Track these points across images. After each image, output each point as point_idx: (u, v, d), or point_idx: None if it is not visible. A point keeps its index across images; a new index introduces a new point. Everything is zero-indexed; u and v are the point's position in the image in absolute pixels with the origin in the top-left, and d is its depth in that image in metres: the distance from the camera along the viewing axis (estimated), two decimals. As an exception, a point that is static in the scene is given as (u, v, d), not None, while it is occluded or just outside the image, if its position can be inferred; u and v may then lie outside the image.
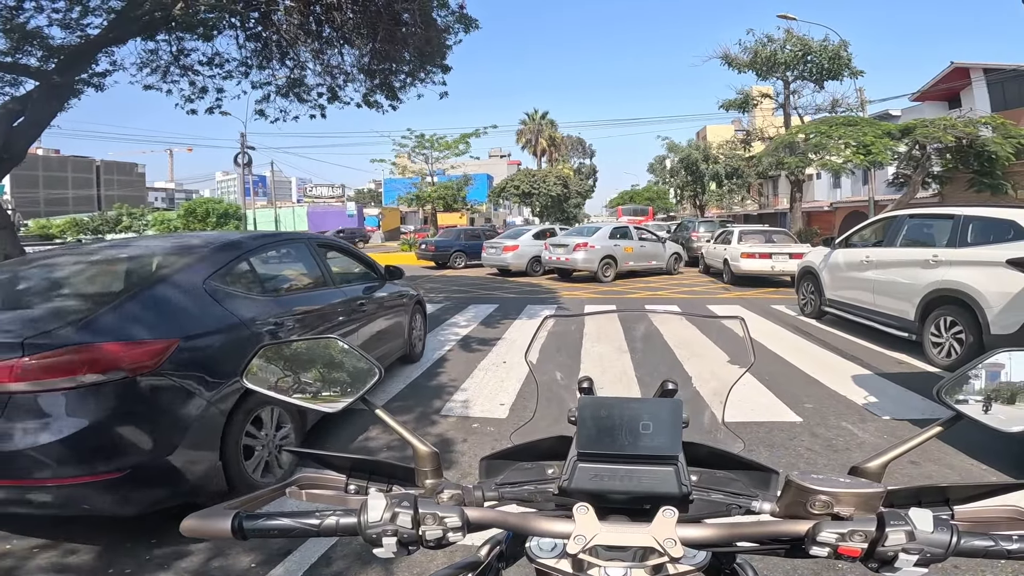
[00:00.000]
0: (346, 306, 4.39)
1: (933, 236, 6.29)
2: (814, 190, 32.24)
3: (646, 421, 0.71)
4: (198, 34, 7.54)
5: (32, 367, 2.29)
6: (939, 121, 16.89)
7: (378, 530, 0.63)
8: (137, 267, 3.22)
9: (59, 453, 2.28)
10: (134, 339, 2.53)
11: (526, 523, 0.66)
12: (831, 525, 0.61)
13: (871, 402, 4.62)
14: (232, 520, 0.64)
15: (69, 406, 2.34)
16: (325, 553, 2.47)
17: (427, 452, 0.76)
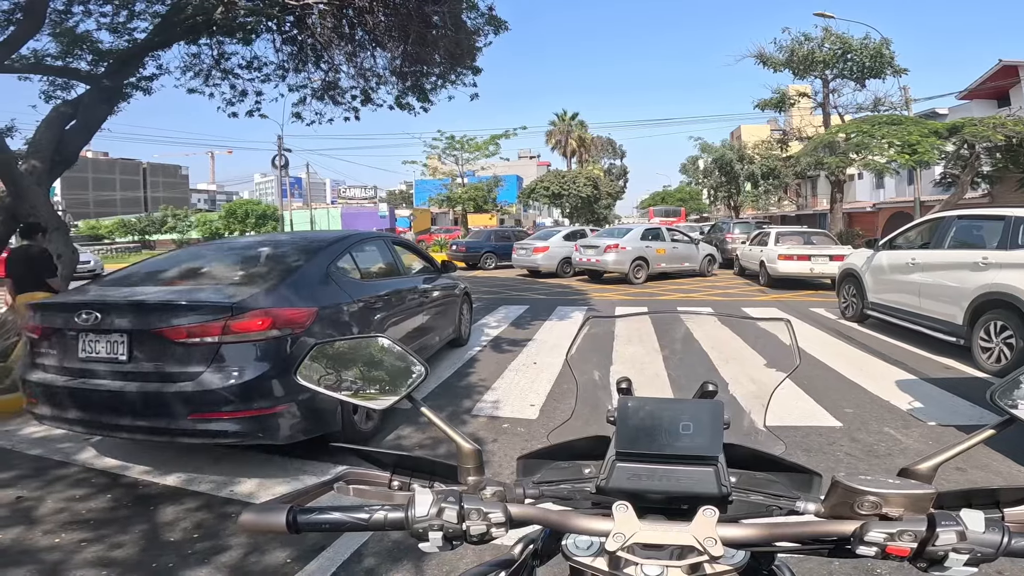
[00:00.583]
0: (413, 292, 5.29)
1: (983, 238, 6.04)
2: (856, 190, 31.22)
3: (687, 422, 0.71)
4: (238, 38, 7.78)
5: (234, 324, 3.16)
6: (988, 120, 16.19)
7: (425, 525, 0.64)
8: (283, 255, 4.28)
9: (252, 390, 3.13)
10: (295, 307, 3.47)
11: (566, 520, 0.67)
12: (880, 525, 0.61)
13: (916, 407, 4.47)
14: (287, 515, 0.66)
15: (257, 354, 3.21)
16: (357, 549, 2.50)
17: (470, 449, 0.78)
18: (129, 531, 2.73)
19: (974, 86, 22.53)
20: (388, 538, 2.57)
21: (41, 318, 3.56)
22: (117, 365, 3.26)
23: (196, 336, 3.15)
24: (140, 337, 3.24)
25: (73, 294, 3.92)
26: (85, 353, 3.33)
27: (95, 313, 3.29)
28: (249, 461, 3.57)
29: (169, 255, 4.83)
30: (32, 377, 3.49)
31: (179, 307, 3.27)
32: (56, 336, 3.46)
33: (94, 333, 3.31)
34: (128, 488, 3.23)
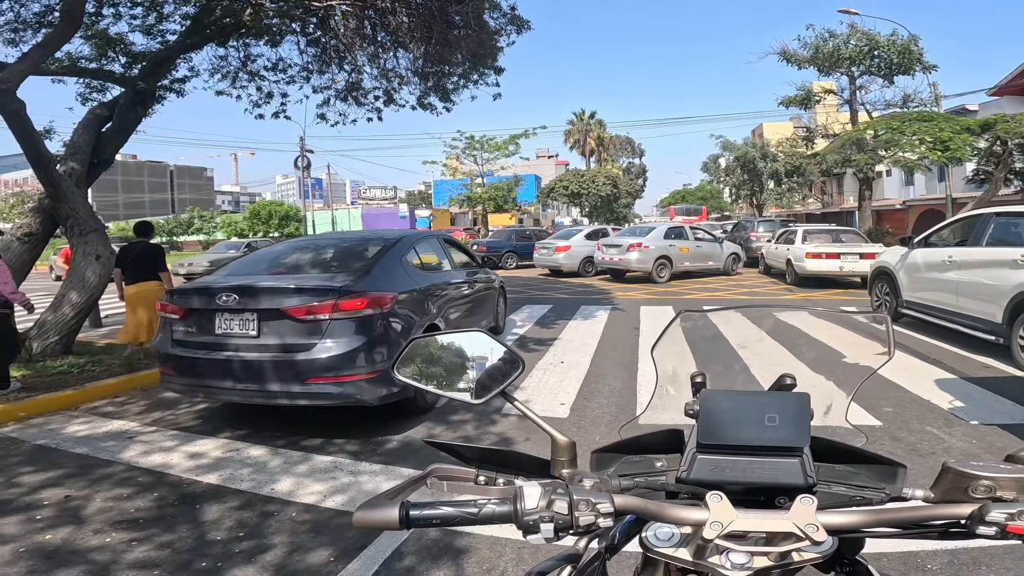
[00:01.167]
0: (462, 283, 5.99)
1: (1021, 235, 5.86)
2: (884, 188, 30.52)
3: (772, 414, 0.72)
4: (264, 40, 7.89)
5: (341, 304, 3.89)
6: (1021, 116, 15.72)
7: (535, 517, 0.64)
8: (363, 249, 5.09)
9: (353, 358, 3.84)
10: (382, 291, 4.19)
11: (662, 511, 0.68)
12: (999, 506, 0.63)
13: (957, 407, 4.37)
14: (399, 510, 0.66)
15: (356, 329, 3.93)
16: (397, 548, 2.51)
17: (566, 442, 0.79)
18: (176, 530, 2.77)
19: (1005, 82, 21.87)
20: (427, 536, 2.57)
21: (185, 301, 4.30)
22: (249, 339, 3.99)
23: (313, 314, 3.89)
24: (268, 315, 3.97)
25: (209, 281, 4.60)
26: (222, 330, 4.06)
27: (234, 295, 4.01)
28: (283, 459, 3.62)
29: (264, 251, 5.79)
30: (173, 351, 4.22)
31: (299, 290, 4.05)
32: (196, 316, 4.20)
33: (230, 312, 4.03)
34: (172, 486, 3.29)
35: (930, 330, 7.04)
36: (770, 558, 0.64)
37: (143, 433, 4.21)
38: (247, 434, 4.13)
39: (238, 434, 4.14)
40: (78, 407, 4.88)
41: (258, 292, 4.09)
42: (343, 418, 4.33)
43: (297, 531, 2.73)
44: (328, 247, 5.44)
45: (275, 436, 4.07)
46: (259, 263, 5.05)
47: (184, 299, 4.33)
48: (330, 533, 2.68)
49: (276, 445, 3.89)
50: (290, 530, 2.74)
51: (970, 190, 19.48)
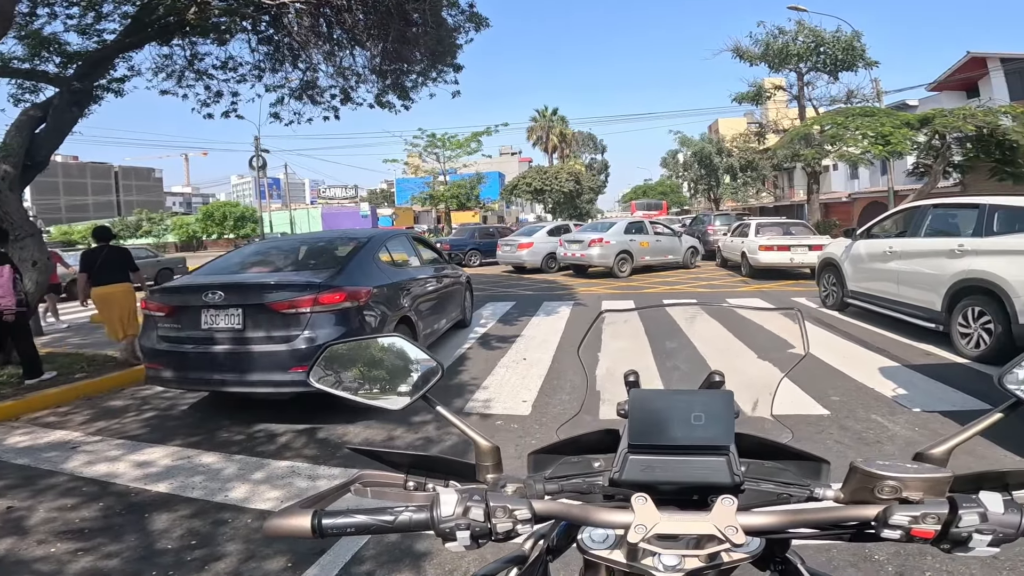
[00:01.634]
0: (431, 278, 6.31)
1: (958, 226, 6.17)
2: (831, 181, 31.77)
3: (698, 412, 0.71)
4: (212, 38, 7.61)
5: (321, 298, 4.18)
6: (958, 111, 16.57)
7: (451, 524, 0.64)
8: (337, 248, 5.41)
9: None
10: (357, 285, 4.48)
11: (587, 514, 0.67)
12: (903, 508, 0.62)
13: (900, 394, 4.54)
14: (312, 519, 0.65)
15: (335, 321, 4.23)
16: (357, 553, 2.48)
17: (489, 447, 0.78)
18: (124, 539, 2.69)
19: (943, 78, 23.04)
20: (386, 540, 2.56)
21: (170, 299, 4.54)
22: (234, 333, 4.22)
23: (295, 307, 4.17)
24: (252, 310, 4.23)
25: (193, 279, 4.92)
26: (207, 325, 4.27)
27: (219, 292, 4.24)
28: (237, 465, 3.53)
29: (241, 250, 6.02)
30: (159, 347, 4.44)
31: (282, 286, 4.31)
32: (182, 313, 4.41)
33: (215, 308, 4.25)
34: (119, 496, 3.19)
35: (874, 319, 7.34)
36: (700, 559, 0.64)
37: (87, 443, 4.06)
38: (199, 441, 4.02)
39: (189, 441, 4.02)
40: (19, 418, 4.68)
41: (243, 289, 4.39)
42: (302, 420, 4.28)
43: (252, 538, 2.66)
44: (304, 246, 5.75)
45: (229, 443, 3.97)
46: (237, 262, 5.32)
47: (169, 297, 4.60)
48: (287, 540, 2.62)
49: (230, 452, 3.79)
50: (245, 538, 2.68)
51: (911, 183, 20.47)
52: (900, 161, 19.23)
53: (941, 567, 2.24)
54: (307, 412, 4.48)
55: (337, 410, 4.45)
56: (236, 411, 4.65)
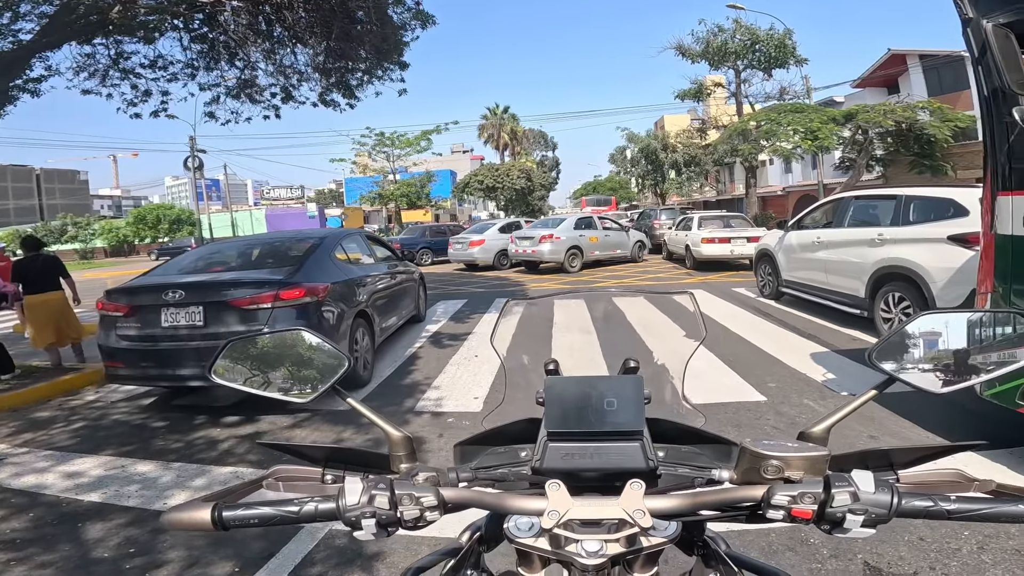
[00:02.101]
0: (386, 274, 6.55)
1: (878, 216, 6.49)
2: (768, 175, 33.20)
3: (610, 398, 0.72)
4: (138, 37, 7.26)
5: (281, 294, 4.40)
6: (879, 107, 17.66)
7: (356, 513, 0.64)
8: (295, 247, 5.54)
9: None
10: (315, 282, 4.69)
11: (501, 502, 0.67)
12: (783, 488, 0.63)
13: (830, 379, 4.77)
14: (212, 511, 0.64)
15: (295, 315, 4.42)
16: (308, 554, 2.47)
17: (400, 437, 0.78)
18: (57, 549, 2.61)
19: (867, 74, 24.37)
20: (338, 540, 2.56)
21: (129, 299, 4.63)
22: (196, 329, 4.38)
23: (257, 303, 4.38)
24: (214, 307, 4.40)
25: (150, 279, 5.01)
26: (168, 323, 4.43)
27: (180, 291, 4.43)
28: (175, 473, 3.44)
29: (199, 250, 6.25)
30: (119, 346, 4.54)
31: (243, 283, 4.54)
32: (141, 312, 4.54)
33: (176, 307, 4.41)
34: (50, 506, 3.08)
35: (806, 306, 7.72)
36: (620, 544, 0.64)
37: (13, 455, 3.90)
38: (133, 450, 3.91)
39: (123, 451, 3.91)
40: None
41: (204, 287, 4.55)
42: (245, 425, 4.23)
43: (194, 545, 2.61)
44: (261, 246, 5.96)
45: (165, 451, 3.87)
46: (196, 262, 5.48)
47: (128, 297, 4.68)
48: (233, 545, 2.59)
49: (167, 460, 3.71)
50: (186, 544, 2.62)
51: (838, 176, 21.64)
52: (829, 155, 20.35)
53: (872, 549, 2.32)
54: (251, 419, 4.42)
55: (283, 414, 4.41)
56: (173, 419, 4.55)
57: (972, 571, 2.16)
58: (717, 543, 0.81)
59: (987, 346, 0.81)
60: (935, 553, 2.28)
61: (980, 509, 0.62)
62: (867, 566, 2.23)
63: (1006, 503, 0.63)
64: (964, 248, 5.02)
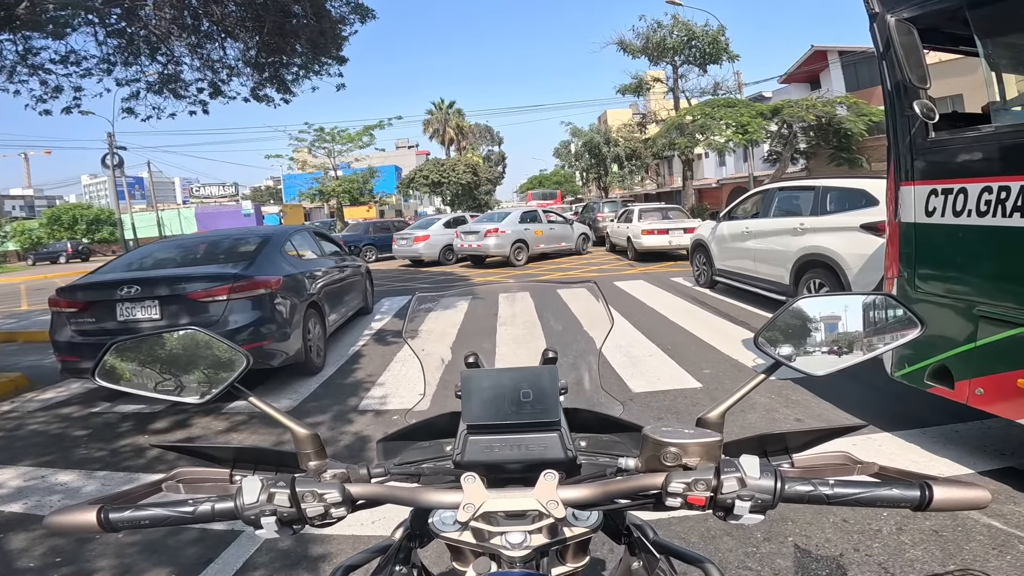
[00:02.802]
0: (334, 268, 6.79)
1: (800, 206, 6.84)
2: (703, 168, 34.45)
3: (526, 389, 0.72)
4: (47, 32, 6.77)
5: (236, 287, 4.62)
6: (802, 101, 18.65)
7: (255, 511, 0.63)
8: (246, 243, 5.71)
9: (251, 330, 4.60)
10: (267, 275, 4.93)
11: (415, 496, 0.67)
12: (680, 475, 0.63)
13: (759, 364, 4.95)
14: (98, 513, 0.62)
15: (250, 307, 4.67)
16: (249, 558, 2.44)
17: (306, 434, 0.76)
18: None
19: (792, 70, 25.61)
20: (281, 543, 2.54)
21: (82, 295, 4.72)
22: (152, 323, 4.51)
23: (212, 296, 4.57)
24: (170, 300, 4.56)
25: (104, 276, 5.06)
26: (124, 317, 4.57)
27: (136, 286, 4.55)
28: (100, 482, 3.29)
29: (148, 247, 6.29)
30: (74, 340, 4.66)
31: (198, 277, 4.71)
32: (96, 307, 4.65)
33: (131, 301, 4.56)
34: None
35: (738, 294, 8.12)
36: (543, 535, 0.64)
37: None
38: (53, 460, 3.75)
39: (42, 460, 3.74)
40: None
41: (159, 282, 4.66)
42: (175, 430, 4.13)
43: (125, 553, 2.53)
44: (212, 242, 6.05)
45: (88, 460, 3.72)
46: (145, 258, 5.60)
47: (82, 293, 4.76)
48: (167, 551, 2.53)
49: (91, 468, 3.57)
50: (116, 553, 2.54)
51: (767, 169, 22.76)
52: (758, 148, 21.36)
53: (801, 532, 2.42)
54: (182, 424, 4.31)
55: (218, 418, 4.32)
56: (95, 428, 4.37)
57: (893, 552, 2.27)
58: (644, 531, 0.82)
59: (865, 328, 0.83)
60: (858, 535, 2.38)
61: (857, 493, 0.63)
62: (797, 548, 2.33)
63: (882, 487, 0.64)
64: (875, 236, 5.33)
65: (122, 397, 5.01)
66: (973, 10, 2.70)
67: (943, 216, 2.92)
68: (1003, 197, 2.57)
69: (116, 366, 0.84)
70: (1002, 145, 2.70)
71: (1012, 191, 2.53)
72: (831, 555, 2.29)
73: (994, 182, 2.62)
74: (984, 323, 2.73)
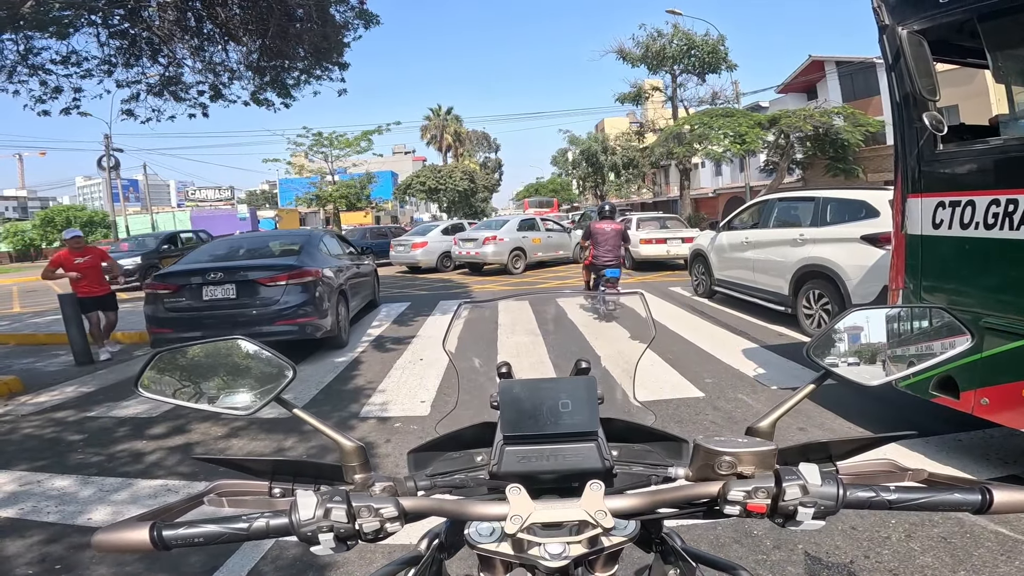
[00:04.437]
0: (352, 265, 8.09)
1: (799, 217, 6.89)
2: (700, 178, 34.60)
3: (564, 400, 0.73)
4: (50, 32, 6.75)
5: (292, 275, 5.95)
6: (799, 112, 18.80)
7: (312, 527, 0.61)
8: (293, 242, 7.13)
9: (303, 308, 5.93)
10: (311, 267, 6.20)
11: (462, 508, 0.67)
12: (738, 484, 0.64)
13: (760, 373, 5.02)
14: (150, 531, 0.61)
15: (302, 290, 5.96)
16: (255, 567, 2.41)
17: (353, 447, 0.75)
18: None
19: (789, 80, 25.75)
20: (287, 552, 2.50)
21: (174, 280, 6.06)
22: (231, 300, 5.90)
23: (276, 281, 5.94)
24: (243, 284, 5.93)
25: (189, 265, 6.50)
26: (208, 297, 5.91)
27: (218, 273, 5.97)
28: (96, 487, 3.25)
29: (216, 242, 8.10)
30: (167, 316, 5.95)
31: (265, 267, 6.16)
32: (185, 289, 5.96)
33: (213, 285, 5.90)
34: None
35: (737, 304, 8.12)
36: (583, 545, 0.63)
37: None
38: (47, 464, 3.70)
39: (36, 465, 3.69)
40: None
41: (235, 270, 6.09)
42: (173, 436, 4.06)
43: (126, 560, 2.49)
44: (266, 240, 7.65)
45: (84, 465, 3.67)
46: (216, 252, 7.11)
47: (172, 279, 6.11)
48: (169, 559, 2.48)
49: (86, 473, 3.52)
50: (116, 560, 2.50)
51: (763, 178, 22.89)
52: (755, 158, 21.50)
53: (811, 540, 2.41)
54: (180, 429, 4.26)
55: (216, 424, 4.27)
56: (91, 432, 4.31)
57: (903, 559, 2.27)
58: (673, 539, 0.83)
59: (914, 339, 0.85)
60: (867, 542, 2.39)
61: (918, 499, 0.64)
62: (807, 556, 2.33)
63: (942, 492, 0.65)
64: (876, 247, 5.40)
65: (122, 403, 4.96)
66: (984, 22, 2.71)
67: (950, 228, 2.94)
68: (1011, 210, 2.59)
69: (157, 377, 0.82)
70: (1011, 158, 2.71)
71: (1020, 204, 2.54)
72: (841, 562, 2.29)
73: (1002, 195, 2.64)
74: (990, 335, 2.74)
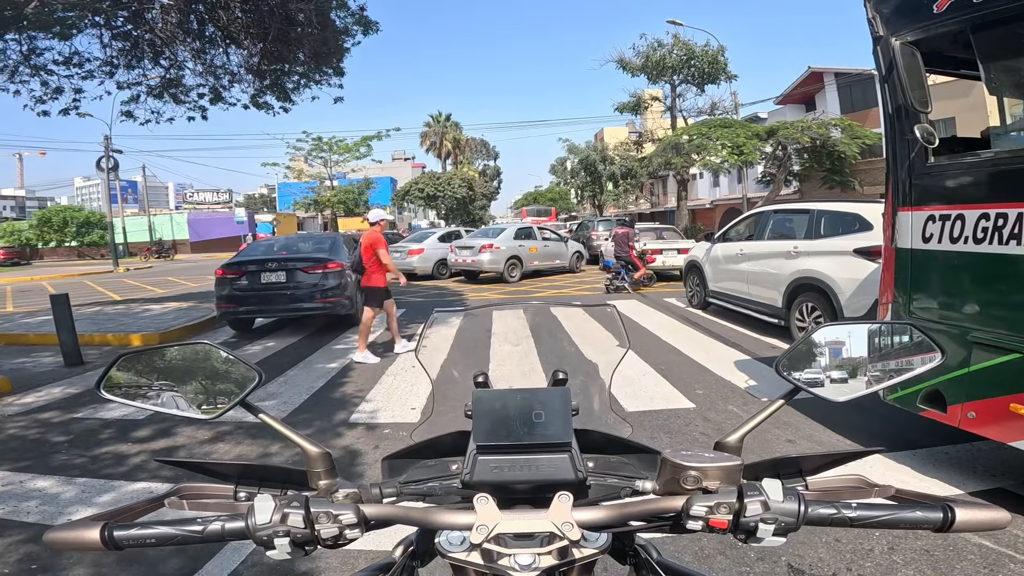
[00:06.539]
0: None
1: (794, 229, 6.91)
2: (698, 188, 34.74)
3: (538, 410, 0.72)
4: (53, 33, 6.77)
5: (328, 265, 8.10)
6: (797, 123, 18.87)
7: (268, 532, 0.61)
8: (323, 241, 9.25)
9: (336, 289, 8.05)
10: (340, 260, 8.19)
11: (428, 517, 0.66)
12: (701, 498, 0.64)
13: (751, 385, 5.01)
14: (101, 531, 0.60)
15: (334, 277, 8.06)
16: (234, 571, 2.37)
17: (317, 452, 0.75)
18: None
19: (788, 91, 25.85)
20: (266, 561, 2.46)
21: (241, 267, 7.91)
22: (282, 283, 7.81)
23: (316, 270, 7.84)
24: (292, 272, 7.81)
25: (250, 256, 8.50)
26: (266, 280, 7.79)
27: (274, 262, 7.89)
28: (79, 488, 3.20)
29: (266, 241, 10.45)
30: (234, 294, 7.83)
31: (308, 259, 8.04)
32: (248, 275, 7.82)
33: (268, 271, 7.80)
34: None
35: (731, 316, 8.13)
36: (553, 556, 0.63)
37: None
38: (30, 465, 3.67)
39: (19, 466, 3.66)
40: None
41: (286, 261, 7.94)
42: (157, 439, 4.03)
43: (103, 563, 2.45)
44: (308, 240, 9.63)
45: (68, 466, 3.64)
46: (270, 247, 9.09)
47: (241, 266, 7.97)
48: (147, 562, 2.45)
49: (69, 475, 3.49)
50: (94, 562, 2.46)
51: (760, 190, 22.97)
52: (752, 169, 21.58)
53: (794, 552, 2.42)
54: (166, 433, 4.23)
55: (203, 428, 4.23)
56: (76, 434, 4.28)
57: (885, 571, 2.27)
58: (648, 551, 0.82)
59: (884, 355, 0.85)
60: (850, 554, 2.40)
61: (879, 516, 0.64)
62: (791, 568, 2.32)
63: (904, 509, 0.65)
64: (868, 261, 5.40)
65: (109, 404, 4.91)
66: (977, 34, 2.71)
67: (940, 243, 2.94)
68: (1000, 224, 2.59)
69: (122, 378, 0.82)
70: (1000, 171, 2.72)
71: (1010, 218, 2.55)
72: (824, 574, 2.29)
73: (992, 208, 2.64)
74: (978, 349, 2.74)
